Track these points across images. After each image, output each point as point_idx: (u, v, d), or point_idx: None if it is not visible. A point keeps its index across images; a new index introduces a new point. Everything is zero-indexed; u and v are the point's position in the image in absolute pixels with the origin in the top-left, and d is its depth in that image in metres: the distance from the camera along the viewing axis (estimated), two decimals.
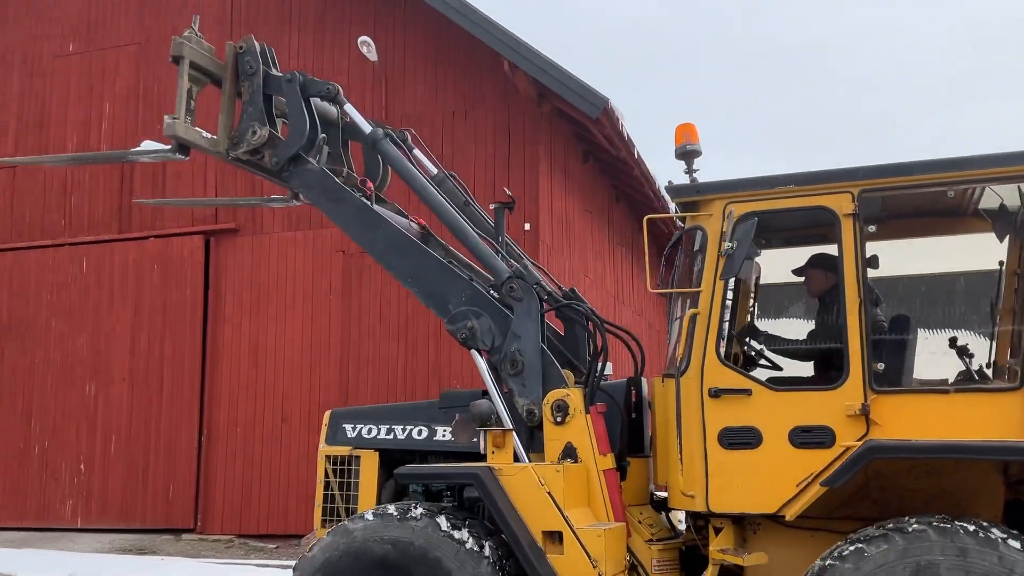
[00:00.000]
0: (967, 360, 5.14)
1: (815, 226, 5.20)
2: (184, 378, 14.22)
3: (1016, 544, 3.95)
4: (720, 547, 4.76)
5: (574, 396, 5.08)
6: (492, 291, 5.57)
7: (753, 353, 5.46)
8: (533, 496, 4.74)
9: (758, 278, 5.80)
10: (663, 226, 11.33)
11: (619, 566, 4.80)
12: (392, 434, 5.75)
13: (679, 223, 5.30)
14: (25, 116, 15.77)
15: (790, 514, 4.53)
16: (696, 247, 5.10)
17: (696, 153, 5.28)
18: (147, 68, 15.09)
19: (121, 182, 15.07)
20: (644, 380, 5.70)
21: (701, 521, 5.08)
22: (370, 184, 6.19)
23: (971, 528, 4.02)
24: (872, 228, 4.72)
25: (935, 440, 4.36)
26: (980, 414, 4.42)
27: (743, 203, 4.90)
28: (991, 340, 5.03)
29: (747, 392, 4.73)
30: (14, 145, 15.73)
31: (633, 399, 5.53)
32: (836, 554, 4.17)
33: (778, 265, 5.69)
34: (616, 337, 5.72)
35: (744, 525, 4.89)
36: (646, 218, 5.13)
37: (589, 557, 4.61)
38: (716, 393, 4.74)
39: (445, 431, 5.57)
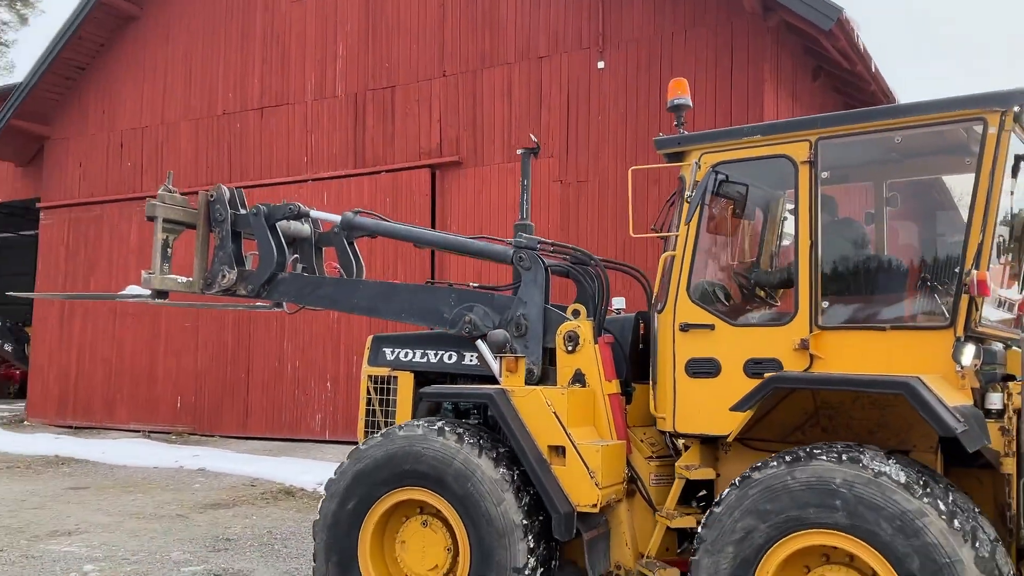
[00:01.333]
0: (904, 300, 5.29)
1: (778, 174, 5.41)
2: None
3: (900, 478, 4.15)
4: (685, 463, 5.23)
5: (584, 328, 5.61)
6: (471, 284, 6.55)
7: (719, 292, 5.72)
8: (540, 415, 5.26)
9: (729, 223, 5.90)
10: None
11: (616, 478, 5.28)
12: (426, 358, 6.39)
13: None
14: (269, 57, 16.95)
15: (731, 436, 4.93)
16: (678, 194, 5.52)
17: (686, 107, 5.69)
18: (376, 9, 15.73)
19: (355, 120, 15.91)
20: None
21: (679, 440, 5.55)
22: (335, 265, 6.96)
23: (863, 457, 4.29)
24: (826, 175, 4.98)
25: (826, 373, 4.71)
26: (913, 350, 4.64)
27: (714, 153, 5.29)
28: (928, 282, 5.13)
29: (711, 327, 5.15)
30: (260, 84, 16.97)
31: (641, 331, 5.93)
32: (756, 465, 4.57)
33: (747, 210, 5.82)
34: (627, 274, 6.32)
35: (717, 445, 5.27)
36: (630, 169, 5.60)
37: (587, 469, 5.10)
38: (685, 327, 5.21)
39: (472, 356, 6.16)
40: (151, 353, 17.77)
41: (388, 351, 6.59)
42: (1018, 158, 4.79)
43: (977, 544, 4.02)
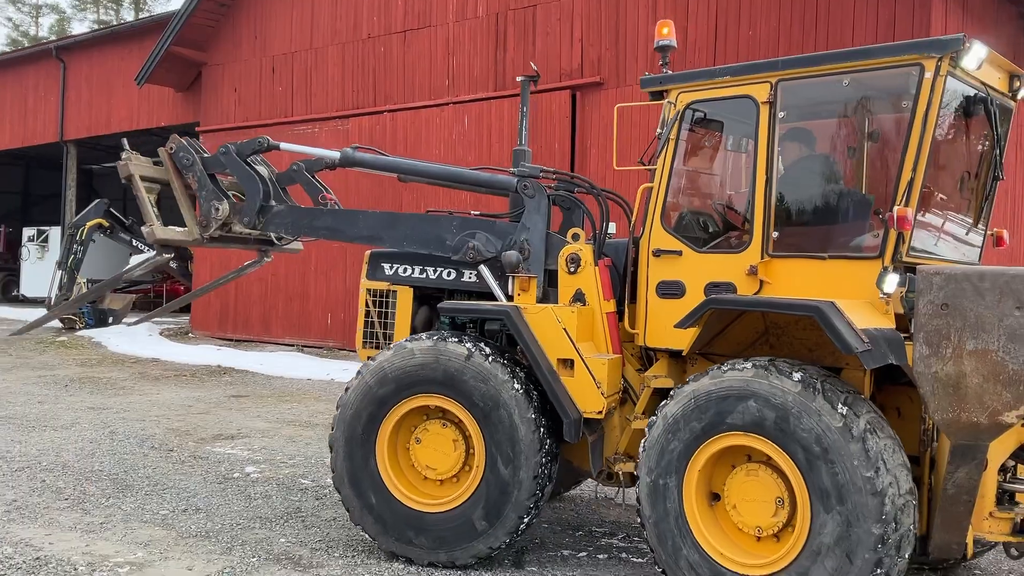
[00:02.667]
0: (843, 232, 5.54)
1: (743, 112, 5.60)
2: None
3: (815, 392, 4.57)
4: (653, 373, 5.74)
5: (585, 251, 5.94)
6: (472, 212, 6.70)
7: (689, 221, 6.02)
8: (551, 330, 5.66)
9: (700, 157, 6.27)
10: None
11: (615, 388, 5.76)
12: (425, 274, 6.64)
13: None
14: None
15: (685, 351, 5.42)
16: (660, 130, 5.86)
17: (671, 47, 6.08)
18: None
19: (496, 40, 15.83)
20: None
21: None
22: (330, 196, 7.02)
23: (785, 368, 4.72)
24: (783, 114, 5.32)
25: (752, 296, 5.21)
26: (847, 278, 5.04)
27: (688, 93, 5.65)
28: (864, 216, 5.45)
29: (679, 253, 5.58)
30: (403, 7, 17.08)
31: (633, 255, 6.04)
32: (693, 375, 5.09)
33: (716, 145, 6.29)
34: (615, 202, 6.44)
35: (684, 359, 5.67)
36: (616, 106, 5.99)
37: (594, 379, 5.57)
38: (657, 253, 5.66)
39: (471, 274, 6.43)
40: (302, 274, 18.57)
41: (387, 266, 6.80)
42: (967, 100, 5.17)
43: (867, 443, 4.46)
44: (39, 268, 28.91)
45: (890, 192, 5.04)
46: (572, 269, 5.94)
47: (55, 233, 28.04)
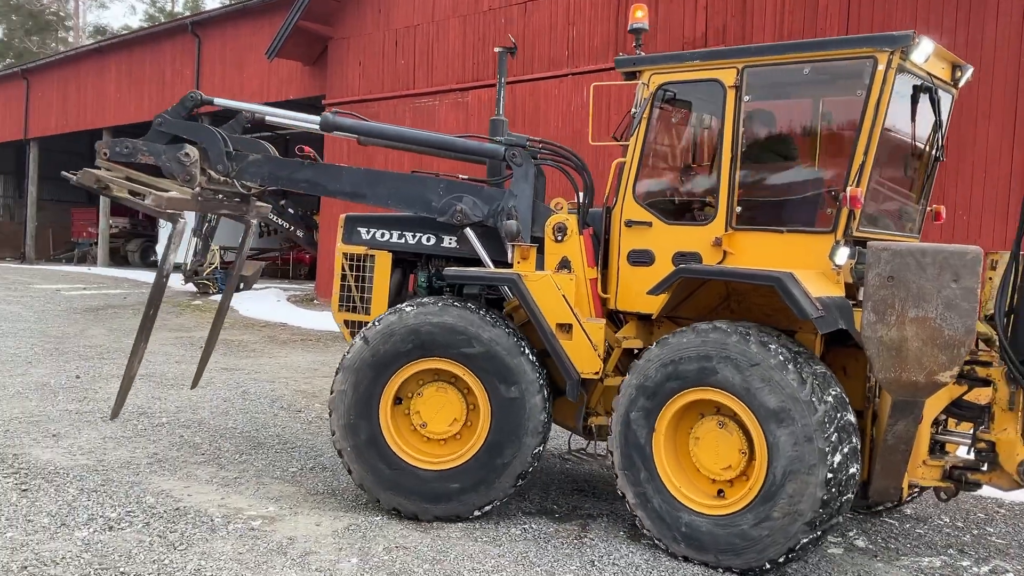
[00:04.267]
0: (801, 208, 5.95)
1: (711, 94, 6.01)
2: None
3: (773, 345, 5.11)
4: (623, 335, 6.16)
5: (571, 221, 6.13)
6: (460, 176, 6.71)
7: (658, 194, 6.43)
8: (550, 296, 5.90)
9: (668, 134, 6.60)
10: None
11: (604, 349, 5.98)
12: (404, 239, 6.74)
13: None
14: None
15: (655, 315, 5.84)
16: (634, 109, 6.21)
17: (643, 30, 6.35)
18: None
19: (617, 9, 15.63)
20: None
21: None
22: (307, 149, 6.89)
23: (744, 331, 5.20)
24: (748, 98, 5.72)
25: (721, 266, 5.61)
26: (802, 250, 5.48)
27: (660, 74, 6.00)
28: (819, 194, 5.88)
29: (649, 224, 5.96)
30: None
31: (605, 225, 6.31)
32: (664, 337, 5.51)
33: (684, 124, 6.66)
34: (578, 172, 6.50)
35: (652, 321, 6.07)
36: (592, 85, 6.37)
37: (591, 342, 5.87)
38: (629, 223, 6.02)
39: (451, 240, 6.60)
40: None
41: (363, 231, 6.82)
42: (915, 89, 5.63)
43: (823, 403, 4.96)
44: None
45: (842, 173, 5.48)
46: (559, 237, 6.15)
47: None
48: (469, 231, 6.43)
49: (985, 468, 5.30)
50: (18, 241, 40.83)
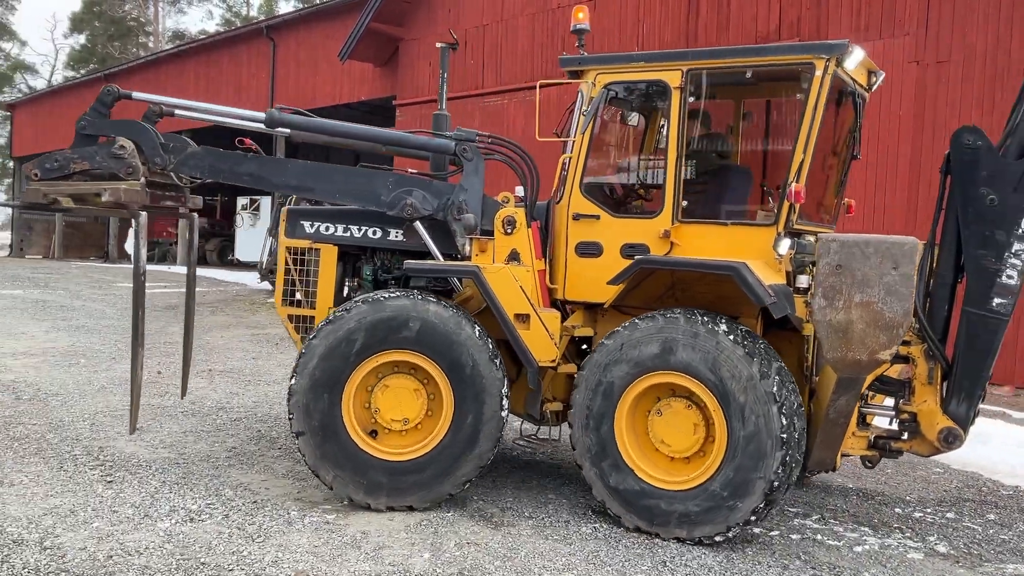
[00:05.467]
0: (742, 202, 6.38)
1: (656, 94, 6.51)
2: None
3: (729, 335, 5.47)
4: (571, 323, 6.37)
5: (519, 214, 6.30)
6: (409, 170, 6.77)
7: (605, 189, 6.75)
8: (509, 288, 6.08)
9: (614, 132, 7.00)
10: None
11: (560, 338, 6.20)
12: (349, 232, 6.69)
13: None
14: None
15: (607, 303, 6.10)
16: (579, 106, 6.43)
17: (585, 31, 6.57)
18: None
19: (688, 5, 15.45)
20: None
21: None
22: (248, 141, 6.72)
23: (704, 319, 5.56)
24: (692, 99, 6.03)
25: (681, 257, 5.89)
26: (746, 241, 5.83)
27: (606, 74, 6.24)
28: (760, 189, 6.43)
29: (596, 217, 6.23)
30: None
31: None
32: (624, 324, 5.79)
33: (629, 122, 7.07)
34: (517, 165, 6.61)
35: (595, 311, 6.38)
36: (539, 83, 6.39)
37: (547, 331, 6.10)
38: (576, 217, 6.26)
39: (398, 233, 6.61)
40: None
41: (307, 224, 6.73)
42: (840, 93, 6.06)
43: (774, 379, 5.36)
44: (252, 235, 31.21)
45: (781, 169, 5.89)
46: (508, 231, 6.31)
47: (266, 202, 30.09)
48: (419, 224, 6.43)
49: (906, 437, 5.79)
50: (101, 241, 42.31)
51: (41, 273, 28.83)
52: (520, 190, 6.59)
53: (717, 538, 5.50)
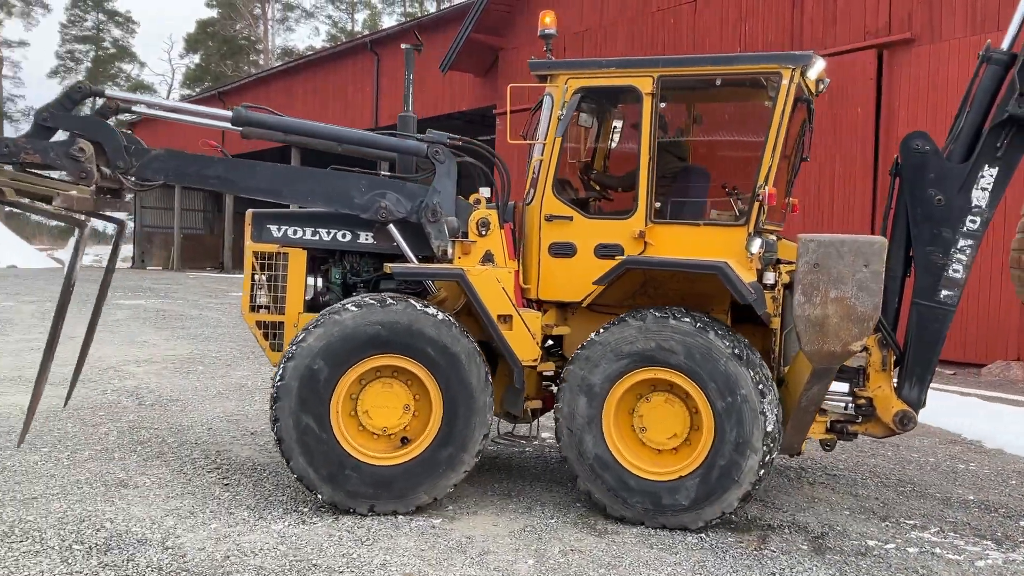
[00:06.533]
0: (714, 204, 6.58)
1: (627, 99, 6.81)
2: (855, 198, 14.14)
3: (713, 334, 5.73)
4: (545, 322, 6.43)
5: (493, 216, 6.38)
6: (382, 172, 6.68)
7: (577, 191, 6.92)
8: (491, 289, 6.17)
9: (587, 135, 7.12)
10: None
11: (540, 337, 6.33)
12: (318, 236, 6.61)
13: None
14: None
15: (586, 302, 6.27)
16: (546, 110, 6.62)
17: (552, 36, 6.79)
18: None
19: (792, 2, 15.10)
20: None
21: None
22: (213, 143, 6.63)
23: (687, 319, 5.79)
24: (663, 104, 6.33)
25: (665, 257, 6.08)
26: (718, 241, 6.07)
27: (578, 79, 6.40)
28: (731, 191, 6.57)
29: (570, 218, 6.38)
30: None
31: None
32: (612, 321, 5.99)
33: (599, 126, 7.21)
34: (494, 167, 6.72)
35: (566, 309, 6.56)
36: (508, 86, 6.53)
37: (529, 331, 6.24)
38: (549, 218, 6.40)
39: (368, 235, 6.56)
40: None
41: (274, 228, 6.60)
42: (797, 100, 6.21)
43: (755, 374, 5.69)
44: None
45: (748, 171, 6.15)
46: (483, 232, 6.36)
47: None
48: (392, 227, 6.39)
49: (860, 420, 6.20)
50: (217, 252, 44.08)
51: (161, 284, 30.26)
52: (485, 191, 6.62)
53: (714, 523, 5.82)
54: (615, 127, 7.31)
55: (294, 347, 5.92)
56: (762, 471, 5.71)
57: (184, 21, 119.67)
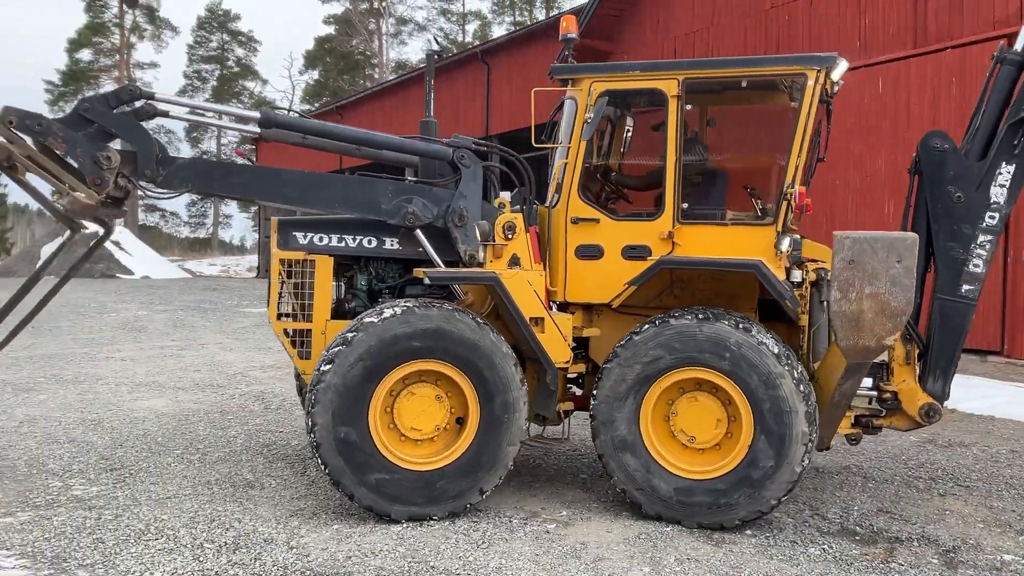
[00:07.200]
0: (741, 204, 6.74)
1: (651, 102, 6.75)
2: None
3: (753, 332, 5.83)
4: (573, 324, 6.43)
5: (519, 220, 6.41)
6: (409, 178, 6.76)
7: (604, 193, 6.98)
8: (524, 292, 6.20)
9: (612, 138, 7.15)
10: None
11: (571, 339, 6.35)
12: (344, 242, 6.61)
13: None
14: None
15: (615, 303, 6.31)
16: (569, 114, 6.62)
17: (573, 40, 6.76)
18: None
19: None
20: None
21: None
22: (238, 151, 6.37)
23: (728, 320, 5.87)
24: (689, 107, 6.56)
25: (700, 257, 6.14)
26: (746, 240, 6.20)
27: (602, 83, 6.41)
28: (759, 191, 6.72)
29: (596, 220, 6.40)
30: None
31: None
32: (637, 328, 6.03)
33: (624, 129, 7.23)
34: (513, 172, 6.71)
35: (591, 311, 6.59)
36: (533, 90, 6.52)
37: (561, 333, 6.26)
38: (576, 220, 6.41)
39: (393, 241, 6.60)
40: None
41: (299, 235, 6.58)
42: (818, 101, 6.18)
43: (794, 372, 5.74)
44: None
45: (778, 171, 6.22)
46: (509, 235, 6.38)
47: None
48: (419, 232, 6.39)
49: (884, 414, 6.28)
50: None
51: None
52: (506, 195, 6.63)
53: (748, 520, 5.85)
54: (628, 129, 7.29)
55: (332, 351, 5.85)
56: (799, 469, 5.74)
57: (305, 39, 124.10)
